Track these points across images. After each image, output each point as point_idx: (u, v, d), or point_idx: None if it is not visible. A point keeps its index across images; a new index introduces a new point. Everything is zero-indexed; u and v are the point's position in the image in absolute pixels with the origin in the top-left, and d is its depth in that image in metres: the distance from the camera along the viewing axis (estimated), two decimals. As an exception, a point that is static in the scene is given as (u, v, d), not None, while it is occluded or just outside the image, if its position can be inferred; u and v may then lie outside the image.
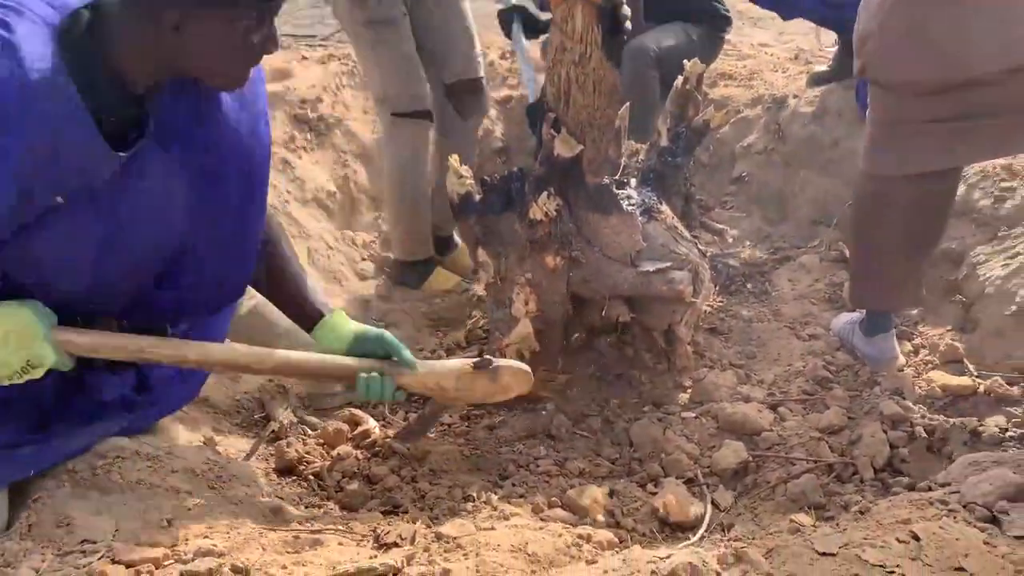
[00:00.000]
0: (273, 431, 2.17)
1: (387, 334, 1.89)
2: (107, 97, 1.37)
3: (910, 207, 2.29)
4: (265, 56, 1.50)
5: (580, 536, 1.53)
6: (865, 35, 2.15)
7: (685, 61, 2.76)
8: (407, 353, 1.87)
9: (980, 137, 2.14)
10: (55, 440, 1.59)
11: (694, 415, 2.39)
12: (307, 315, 1.88)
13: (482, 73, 3.17)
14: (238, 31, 1.38)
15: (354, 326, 1.89)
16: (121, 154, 1.40)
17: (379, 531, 1.48)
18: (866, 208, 2.41)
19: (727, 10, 4.02)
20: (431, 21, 2.99)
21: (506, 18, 3.04)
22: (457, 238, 3.41)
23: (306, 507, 1.89)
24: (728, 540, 1.61)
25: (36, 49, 1.28)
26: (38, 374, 1.48)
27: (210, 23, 1.36)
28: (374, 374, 1.78)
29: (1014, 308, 2.46)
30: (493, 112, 4.16)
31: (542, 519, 1.89)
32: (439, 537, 1.42)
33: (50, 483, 1.53)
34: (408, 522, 1.49)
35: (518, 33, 3.00)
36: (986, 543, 1.32)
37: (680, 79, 2.74)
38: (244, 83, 1.50)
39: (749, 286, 3.24)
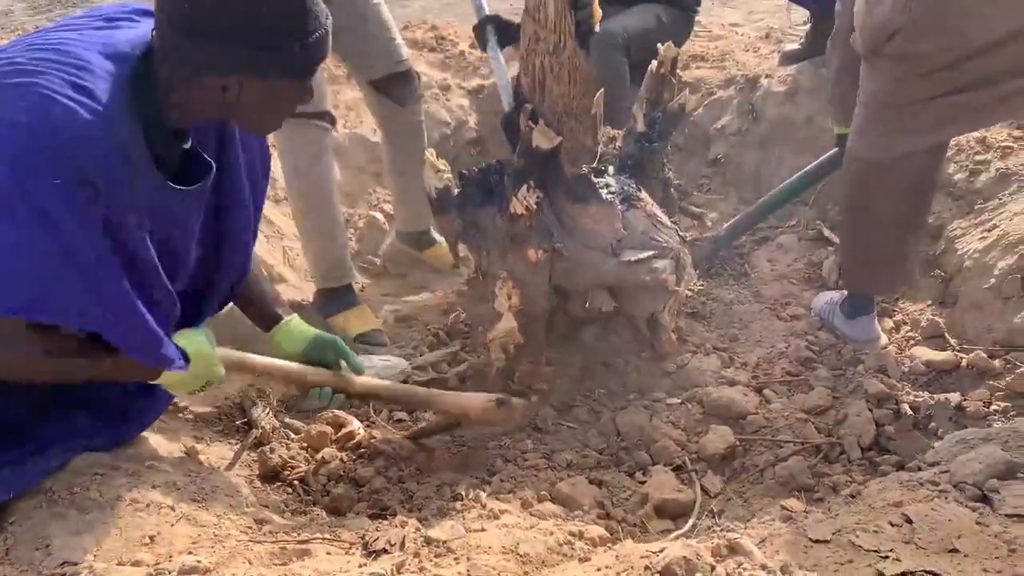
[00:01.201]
0: (256, 437, 2.13)
1: (340, 341, 2.01)
2: (158, 136, 1.48)
3: (900, 186, 2.28)
4: None
5: (571, 533, 1.51)
6: (889, 27, 2.09)
7: (659, 45, 2.73)
8: (357, 360, 2.02)
9: (973, 107, 2.13)
10: (32, 460, 1.55)
11: (680, 401, 2.39)
12: (266, 317, 2.00)
13: (407, 64, 2.95)
14: (284, 94, 1.49)
15: (310, 331, 2.00)
16: (182, 187, 1.54)
17: (367, 538, 1.46)
18: (857, 191, 2.40)
19: None
20: (341, 21, 2.76)
21: (480, 31, 2.90)
22: (435, 233, 3.32)
23: (292, 514, 1.86)
24: (720, 529, 1.60)
25: (111, 105, 1.37)
26: (208, 388, 1.77)
27: (262, 87, 1.44)
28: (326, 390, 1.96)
29: (992, 281, 2.47)
30: (466, 102, 4.12)
31: (532, 514, 1.88)
32: (429, 541, 1.40)
33: (26, 504, 1.49)
34: (397, 526, 1.46)
35: (493, 43, 2.89)
36: (978, 523, 1.32)
37: (654, 63, 2.71)
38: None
39: (729, 268, 3.23)
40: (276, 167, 3.38)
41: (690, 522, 1.84)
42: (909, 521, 1.33)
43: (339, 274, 2.90)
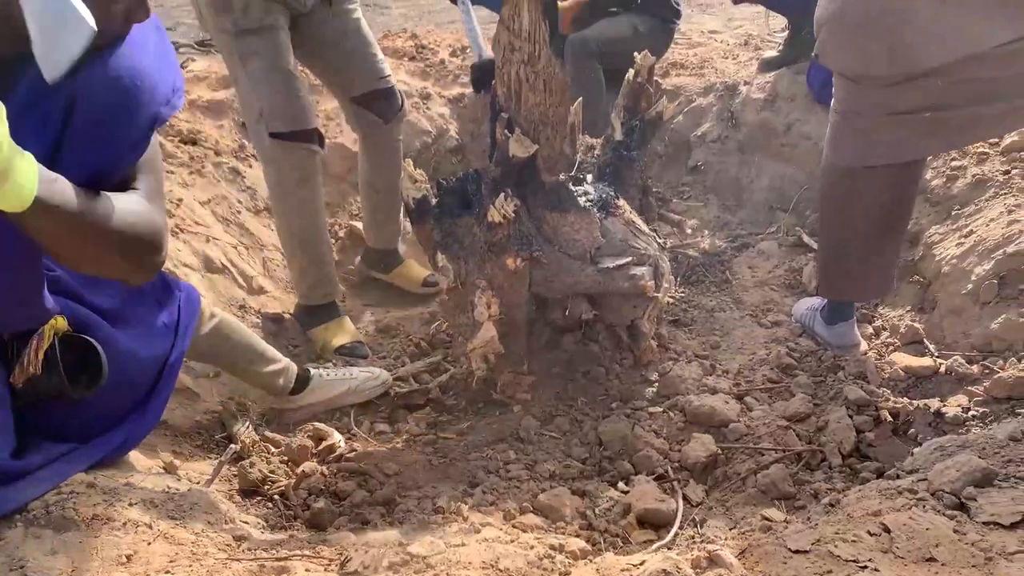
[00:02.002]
0: (235, 452, 2.11)
1: None
2: None
3: (876, 197, 2.28)
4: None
5: (552, 547, 1.51)
6: (820, 21, 2.13)
7: (636, 54, 2.74)
8: None
9: (940, 129, 2.12)
10: (17, 485, 1.53)
11: (661, 409, 2.39)
12: None
13: (390, 81, 2.89)
14: None
15: None
16: None
17: (345, 556, 1.44)
18: (833, 200, 2.40)
19: (678, 2, 4.01)
20: (325, 34, 2.70)
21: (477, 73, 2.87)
22: (401, 253, 3.27)
23: (272, 529, 1.84)
24: (701, 540, 1.60)
25: None
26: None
27: None
28: None
29: (970, 287, 2.49)
30: (446, 111, 4.12)
31: (515, 526, 1.88)
32: (409, 557, 1.39)
33: (0, 524, 1.47)
34: (377, 546, 1.45)
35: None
36: (955, 531, 1.33)
37: (631, 72, 2.72)
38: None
39: (710, 275, 3.24)
40: (254, 176, 3.39)
41: (671, 533, 1.84)
42: (887, 530, 1.34)
43: (323, 292, 2.86)
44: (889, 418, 2.22)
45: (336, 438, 2.28)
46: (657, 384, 2.51)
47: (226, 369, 2.33)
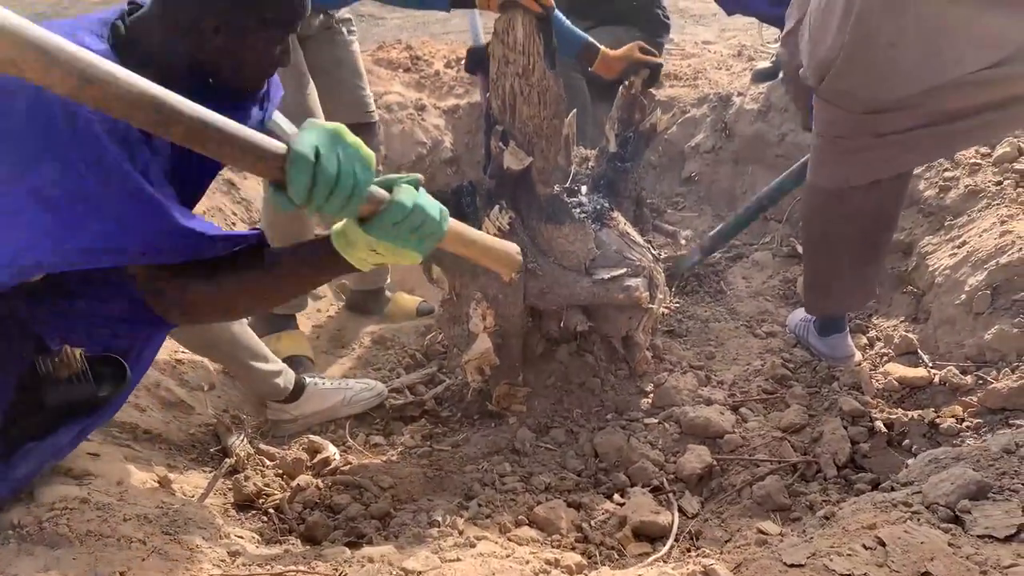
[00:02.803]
0: (230, 465, 2.11)
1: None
2: None
3: (860, 215, 2.30)
4: None
5: (548, 562, 1.50)
6: (827, 61, 2.12)
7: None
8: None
9: (922, 145, 2.16)
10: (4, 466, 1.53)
11: (657, 421, 2.39)
12: None
13: (374, 116, 2.92)
14: (264, 43, 1.50)
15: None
16: None
17: (340, 572, 1.44)
18: (816, 220, 2.42)
19: (668, 17, 4.01)
20: (319, 60, 2.73)
21: (472, 58, 2.86)
22: (388, 291, 3.23)
23: (267, 543, 1.84)
24: (697, 553, 1.60)
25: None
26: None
27: (241, 34, 1.46)
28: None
29: (963, 297, 2.49)
30: (441, 122, 4.13)
31: (510, 539, 1.87)
32: (405, 573, 1.39)
33: (-6, 541, 1.47)
34: (373, 562, 1.44)
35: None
36: (950, 544, 1.33)
37: (624, 84, 2.73)
38: (261, 88, 1.64)
39: (704, 286, 3.25)
40: (249, 188, 3.39)
41: (667, 546, 1.84)
42: (882, 544, 1.34)
43: (290, 304, 2.83)
44: (883, 429, 2.23)
45: (331, 451, 2.27)
46: (652, 395, 2.51)
47: (224, 364, 2.34)
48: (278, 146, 1.17)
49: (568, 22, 2.69)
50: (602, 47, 2.68)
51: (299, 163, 1.15)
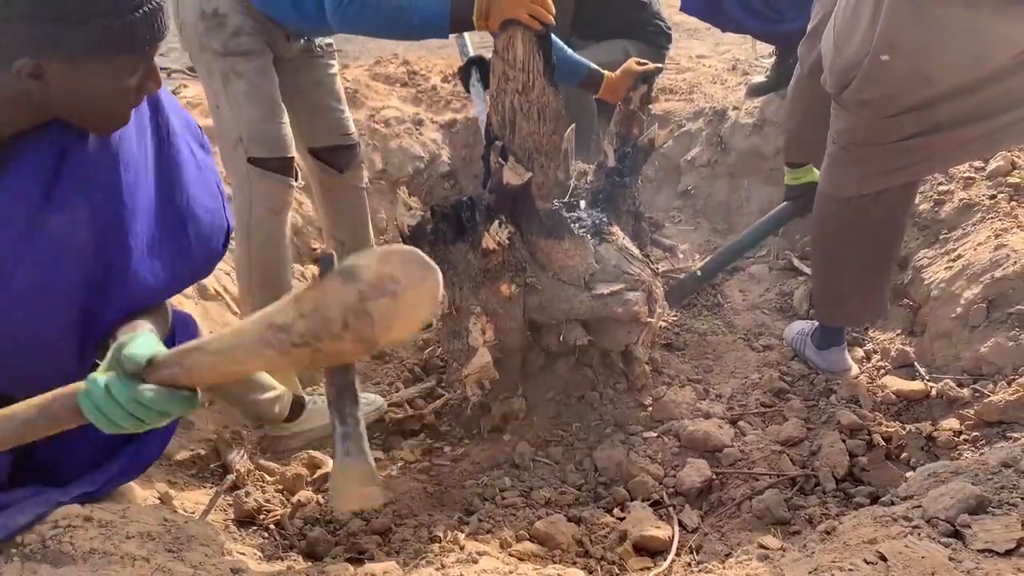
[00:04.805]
0: (231, 482, 2.11)
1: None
2: None
3: (869, 224, 2.32)
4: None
5: (550, 577, 1.51)
6: (849, 68, 2.14)
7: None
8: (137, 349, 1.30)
9: (940, 149, 2.19)
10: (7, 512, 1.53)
11: (656, 435, 2.40)
12: None
13: (353, 139, 2.84)
14: (109, 75, 1.32)
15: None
16: None
17: (344, 590, 1.45)
18: (830, 229, 2.44)
19: (669, 27, 4.04)
20: (298, 82, 2.64)
21: (464, 74, 2.85)
22: None
23: (269, 560, 1.84)
24: (698, 568, 1.61)
25: None
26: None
27: (73, 69, 1.29)
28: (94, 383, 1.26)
29: (959, 310, 2.51)
30: (439, 136, 4.14)
31: (511, 555, 1.88)
32: (408, 589, 1.40)
33: (-3, 559, 1.47)
34: (376, 574, 1.45)
35: (476, 85, 2.87)
36: (951, 559, 1.34)
37: (623, 100, 2.75)
38: (126, 123, 1.43)
39: (701, 299, 3.26)
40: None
41: (668, 560, 1.85)
42: (883, 558, 1.35)
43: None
44: (882, 442, 2.24)
45: (331, 466, 2.27)
46: (651, 408, 2.52)
47: (221, 397, 2.33)
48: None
49: (569, 50, 2.68)
50: (605, 72, 2.70)
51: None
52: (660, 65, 2.79)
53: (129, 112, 1.41)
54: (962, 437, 2.16)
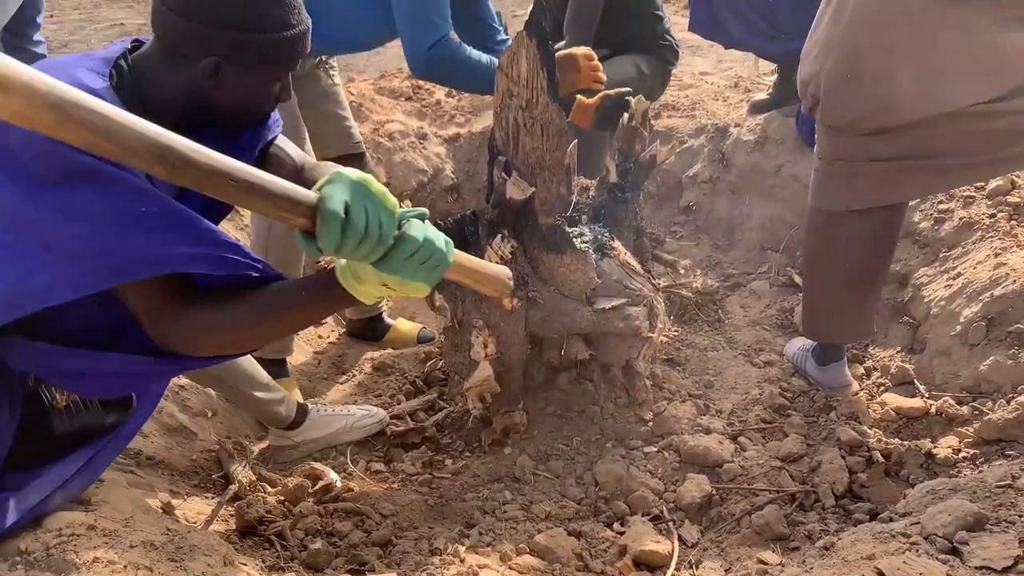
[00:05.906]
0: (233, 492, 2.12)
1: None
2: None
3: (859, 240, 2.34)
4: None
5: (551, 591, 1.52)
6: (808, 79, 2.22)
7: (629, 99, 2.79)
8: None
9: (920, 175, 2.21)
10: (8, 495, 1.54)
11: (656, 449, 2.41)
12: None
13: (361, 147, 2.96)
14: (265, 80, 1.51)
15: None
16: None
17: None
18: (817, 243, 2.46)
19: (678, 44, 4.06)
20: (307, 96, 2.73)
21: None
22: (388, 318, 3.25)
23: (270, 571, 1.85)
24: (698, 582, 1.62)
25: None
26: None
27: (243, 71, 1.46)
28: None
29: (959, 328, 2.52)
30: (443, 150, 4.17)
31: (511, 567, 1.88)
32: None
33: (1, 567, 1.47)
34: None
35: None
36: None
37: (625, 116, 2.77)
38: (258, 123, 1.64)
39: (703, 315, 3.28)
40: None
41: (668, 574, 1.85)
42: (882, 575, 1.36)
43: (278, 347, 2.78)
44: (881, 459, 2.25)
45: (332, 477, 2.28)
46: (651, 423, 2.53)
47: (227, 393, 2.34)
48: (307, 197, 1.20)
49: None
50: (578, 96, 2.72)
51: (330, 221, 1.18)
52: (628, 88, 2.80)
53: (264, 114, 1.62)
54: (961, 455, 2.17)
